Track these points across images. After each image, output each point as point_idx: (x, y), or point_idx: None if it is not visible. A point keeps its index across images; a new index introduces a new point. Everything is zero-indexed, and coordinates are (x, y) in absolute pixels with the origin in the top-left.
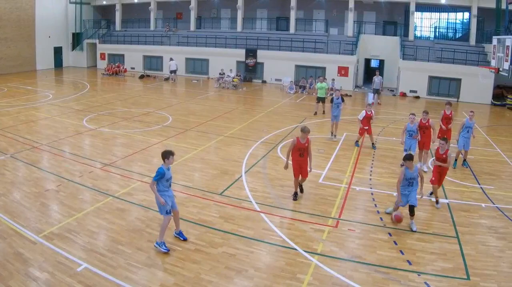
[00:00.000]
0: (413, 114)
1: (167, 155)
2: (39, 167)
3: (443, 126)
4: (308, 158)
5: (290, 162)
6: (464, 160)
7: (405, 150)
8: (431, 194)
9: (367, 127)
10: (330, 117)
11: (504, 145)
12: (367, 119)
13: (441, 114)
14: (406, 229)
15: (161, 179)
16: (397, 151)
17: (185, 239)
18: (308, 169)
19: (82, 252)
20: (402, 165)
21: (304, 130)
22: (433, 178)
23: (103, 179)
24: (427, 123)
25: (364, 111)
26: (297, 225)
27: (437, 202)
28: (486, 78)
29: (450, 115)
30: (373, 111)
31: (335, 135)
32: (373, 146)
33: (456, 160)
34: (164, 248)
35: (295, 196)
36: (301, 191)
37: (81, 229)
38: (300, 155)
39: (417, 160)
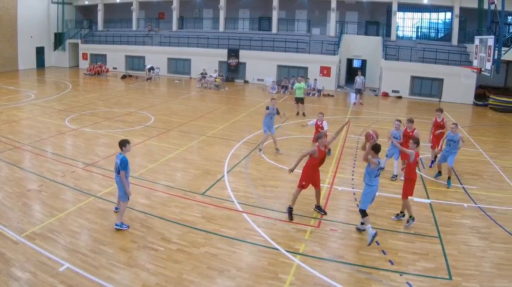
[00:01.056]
0: (398, 120)
1: (124, 143)
2: (21, 166)
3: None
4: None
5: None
6: (439, 172)
7: (387, 156)
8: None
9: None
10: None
11: (486, 145)
12: (317, 129)
13: (432, 121)
14: (388, 229)
15: (126, 166)
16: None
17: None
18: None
19: (64, 252)
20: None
21: (321, 136)
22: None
23: (85, 178)
24: (411, 133)
25: (315, 119)
26: (279, 225)
27: (408, 220)
28: (468, 78)
29: (442, 124)
30: (324, 122)
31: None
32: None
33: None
34: (125, 226)
35: (291, 215)
36: (324, 211)
37: (63, 229)
38: (320, 164)
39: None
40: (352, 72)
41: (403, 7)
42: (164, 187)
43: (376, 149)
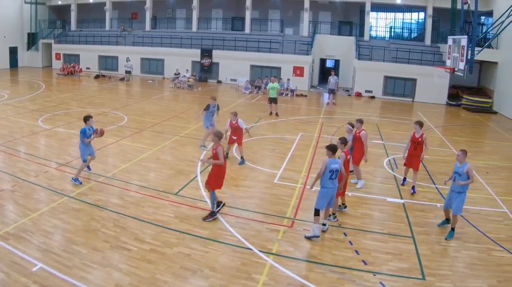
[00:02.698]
0: (350, 124)
1: (87, 118)
2: None
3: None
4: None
5: None
6: (446, 219)
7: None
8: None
9: (235, 138)
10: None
11: (459, 145)
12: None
13: (409, 136)
14: (361, 229)
15: (84, 135)
16: None
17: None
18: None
19: (38, 252)
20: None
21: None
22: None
23: (58, 178)
24: (420, 139)
25: (229, 120)
26: (252, 225)
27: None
28: (441, 78)
29: (420, 140)
30: (240, 121)
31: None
32: (242, 160)
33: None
34: (78, 181)
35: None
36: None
37: (37, 229)
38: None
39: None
40: (325, 72)
41: (376, 7)
42: (137, 187)
43: (330, 148)
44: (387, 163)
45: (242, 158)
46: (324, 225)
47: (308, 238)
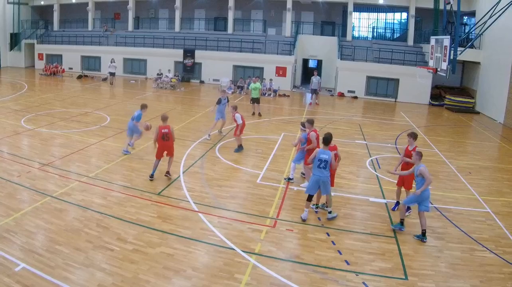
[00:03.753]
0: (302, 124)
1: (144, 106)
2: None
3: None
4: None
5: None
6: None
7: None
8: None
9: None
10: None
11: (442, 145)
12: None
13: (403, 150)
14: (344, 229)
15: (138, 119)
16: None
17: None
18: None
19: (20, 252)
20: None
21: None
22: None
23: (41, 179)
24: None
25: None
26: (235, 225)
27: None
28: (424, 79)
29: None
30: (237, 116)
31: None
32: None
33: None
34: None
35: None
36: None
37: (19, 229)
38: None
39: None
40: (308, 72)
41: (358, 8)
42: (120, 187)
43: (324, 140)
44: (369, 163)
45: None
46: (330, 212)
47: (303, 219)
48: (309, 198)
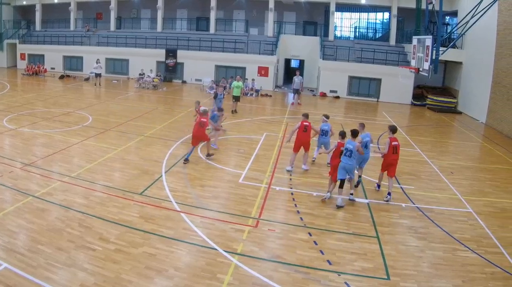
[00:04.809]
0: (326, 116)
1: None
2: None
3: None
4: None
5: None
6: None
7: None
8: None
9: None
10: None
11: (424, 145)
12: None
13: (387, 143)
14: (326, 229)
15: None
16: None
17: None
18: None
19: (2, 252)
20: None
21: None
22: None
23: (23, 178)
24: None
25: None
26: (217, 225)
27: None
28: (406, 78)
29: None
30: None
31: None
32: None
33: None
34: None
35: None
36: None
37: (1, 228)
38: None
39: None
40: (290, 72)
41: (341, 7)
42: (102, 187)
43: (352, 133)
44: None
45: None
46: (351, 194)
47: (339, 207)
48: (341, 185)
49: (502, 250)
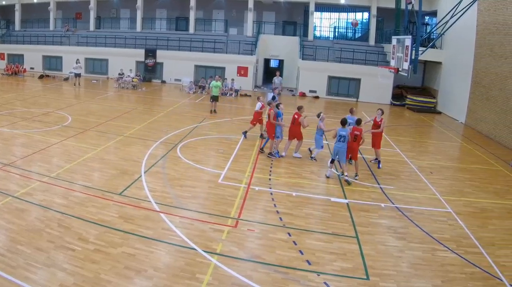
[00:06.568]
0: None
1: (278, 105)
2: None
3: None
4: None
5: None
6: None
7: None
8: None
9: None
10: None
11: (404, 145)
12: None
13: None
14: (306, 229)
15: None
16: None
17: None
18: None
19: None
20: None
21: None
22: None
23: (2, 179)
24: (379, 122)
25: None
26: (197, 225)
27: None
28: (385, 78)
29: (379, 123)
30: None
31: None
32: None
33: None
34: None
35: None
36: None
37: None
38: None
39: None
40: (269, 72)
41: (320, 7)
42: (81, 187)
43: (341, 122)
44: (330, 163)
45: None
46: (346, 176)
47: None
48: (332, 161)
49: (481, 250)
